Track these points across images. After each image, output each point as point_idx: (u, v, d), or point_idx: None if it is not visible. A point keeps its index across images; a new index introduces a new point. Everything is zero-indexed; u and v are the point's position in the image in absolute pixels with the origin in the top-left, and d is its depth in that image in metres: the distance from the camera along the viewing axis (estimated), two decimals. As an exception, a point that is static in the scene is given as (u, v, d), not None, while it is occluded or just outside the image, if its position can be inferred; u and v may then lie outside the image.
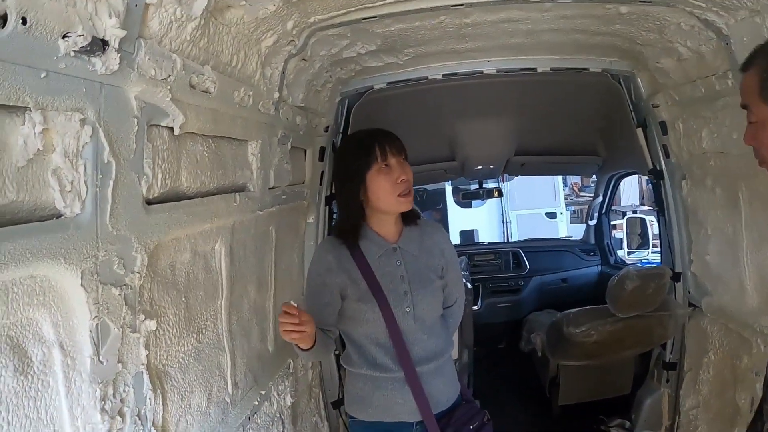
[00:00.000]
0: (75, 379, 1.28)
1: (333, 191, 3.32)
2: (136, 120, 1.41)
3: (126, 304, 1.42)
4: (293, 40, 2.21)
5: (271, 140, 2.43)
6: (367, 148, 2.02)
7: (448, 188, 9.67)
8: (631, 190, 12.39)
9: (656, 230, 4.52)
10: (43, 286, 1.19)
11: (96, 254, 1.30)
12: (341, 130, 3.50)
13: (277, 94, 2.31)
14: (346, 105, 3.50)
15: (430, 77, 3.28)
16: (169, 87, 1.51)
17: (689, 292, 3.28)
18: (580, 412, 4.06)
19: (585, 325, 3.50)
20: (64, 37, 1.12)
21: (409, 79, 3.27)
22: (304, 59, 2.49)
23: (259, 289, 2.44)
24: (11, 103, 1.05)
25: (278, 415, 2.48)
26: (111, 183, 1.33)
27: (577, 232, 6.52)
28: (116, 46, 1.25)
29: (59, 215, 1.21)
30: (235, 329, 2.18)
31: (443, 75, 3.27)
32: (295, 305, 1.76)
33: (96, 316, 1.31)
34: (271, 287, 2.59)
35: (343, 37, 2.50)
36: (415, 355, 2.02)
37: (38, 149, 1.12)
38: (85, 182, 1.25)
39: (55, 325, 1.23)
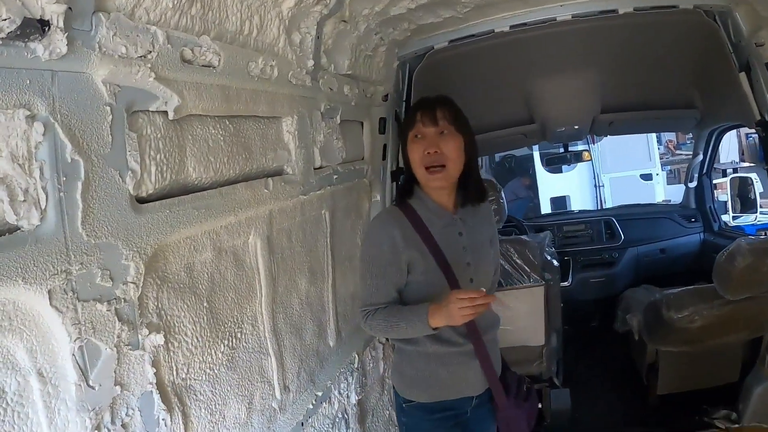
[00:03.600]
0: (59, 409, 1.13)
1: (399, 165, 3.07)
2: (109, 108, 1.21)
3: (120, 320, 1.25)
4: (322, -1, 1.94)
5: (312, 115, 2.20)
6: (407, 116, 2.02)
7: (536, 154, 9.12)
8: (730, 144, 11.14)
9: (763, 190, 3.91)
10: (6, 310, 1.03)
11: (68, 269, 1.12)
12: (404, 98, 3.22)
13: (311, 62, 2.07)
14: (407, 69, 3.22)
15: (496, 30, 2.97)
16: (149, 65, 1.30)
17: None
18: (681, 401, 3.63)
19: (688, 309, 3.11)
20: None
21: (472, 35, 2.98)
22: (344, 20, 2.23)
23: (314, 281, 2.25)
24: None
25: (341, 415, 2.30)
26: (80, 185, 1.14)
27: (674, 194, 5.87)
28: (61, 25, 1.04)
29: (13, 229, 1.04)
30: (283, 328, 2.00)
31: (511, 27, 2.96)
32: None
33: (78, 338, 1.14)
34: (329, 277, 2.39)
35: (386, -9, 2.21)
36: (480, 326, 1.98)
37: None
38: (44, 188, 1.07)
39: (30, 351, 1.08)
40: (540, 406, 2.22)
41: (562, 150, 5.60)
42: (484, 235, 2.10)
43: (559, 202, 9.03)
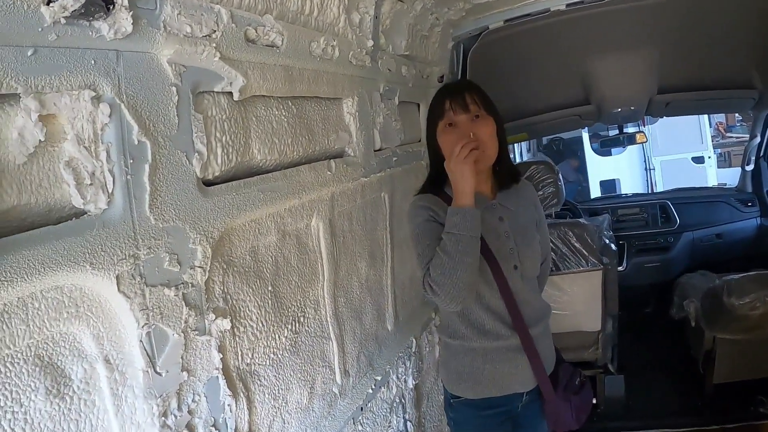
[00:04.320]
0: (126, 396, 1.11)
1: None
2: (174, 89, 1.18)
3: (187, 305, 1.23)
4: (380, -22, 1.88)
5: (372, 96, 2.15)
6: (434, 106, 1.93)
7: (585, 136, 8.90)
8: None
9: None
10: (73, 296, 1.01)
11: (135, 253, 1.10)
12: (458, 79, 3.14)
13: (371, 43, 2.01)
14: (462, 50, 3.17)
15: (552, 9, 2.88)
16: (215, 44, 1.26)
17: None
18: (737, 390, 3.52)
19: (750, 295, 2.99)
20: (48, 3, 0.90)
21: (528, 14, 2.90)
22: (401, 0, 2.16)
23: (373, 264, 2.21)
24: (-5, 92, 0.85)
25: (398, 400, 2.27)
26: (147, 167, 1.12)
27: (726, 177, 5.59)
28: (125, 3, 1.01)
29: (80, 213, 1.02)
30: (343, 312, 1.96)
31: (567, 5, 2.86)
32: None
33: (146, 324, 1.13)
34: (388, 260, 2.35)
35: (442, -30, 2.14)
36: (527, 317, 1.90)
37: (40, 141, 0.93)
38: (111, 171, 1.05)
39: (96, 337, 1.06)
40: (594, 399, 2.15)
41: (615, 132, 5.42)
42: (528, 220, 2.00)
43: (608, 185, 8.83)
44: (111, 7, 0.99)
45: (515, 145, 7.84)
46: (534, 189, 2.14)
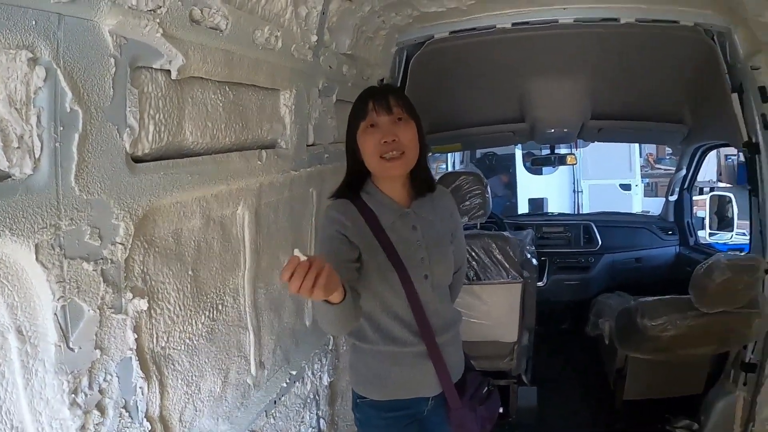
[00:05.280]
0: (36, 370, 1.08)
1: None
2: (113, 60, 1.16)
3: (105, 281, 1.20)
4: (330, -25, 1.90)
5: (310, 91, 2.16)
6: (357, 106, 1.87)
7: (519, 153, 9.18)
8: (708, 164, 11.38)
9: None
10: None
11: (57, 223, 1.07)
12: (398, 84, 3.20)
13: (315, 38, 2.03)
14: (404, 56, 3.22)
15: (498, 26, 2.98)
16: (158, 20, 1.25)
17: None
18: (645, 408, 3.69)
19: (662, 318, 3.14)
20: None
21: (474, 28, 2.99)
22: (349, 0, 2.19)
23: (295, 258, 2.21)
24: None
25: (312, 396, 2.27)
26: (77, 137, 1.09)
27: (651, 206, 5.96)
28: None
29: (4, 177, 0.98)
30: (263, 304, 1.96)
31: (513, 24, 2.97)
32: (301, 254, 1.37)
33: (61, 297, 1.10)
34: (310, 252, 2.35)
35: (393, -26, 2.19)
36: (435, 326, 1.89)
37: None
38: (39, 136, 1.02)
39: (10, 307, 1.03)
40: (501, 409, 2.16)
41: (547, 151, 5.61)
42: (443, 229, 1.98)
43: (536, 203, 9.05)
44: (57, -33, 0.97)
45: (448, 155, 8.01)
46: (452, 197, 2.14)
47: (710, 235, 5.44)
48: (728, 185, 9.67)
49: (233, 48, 1.58)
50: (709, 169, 11.71)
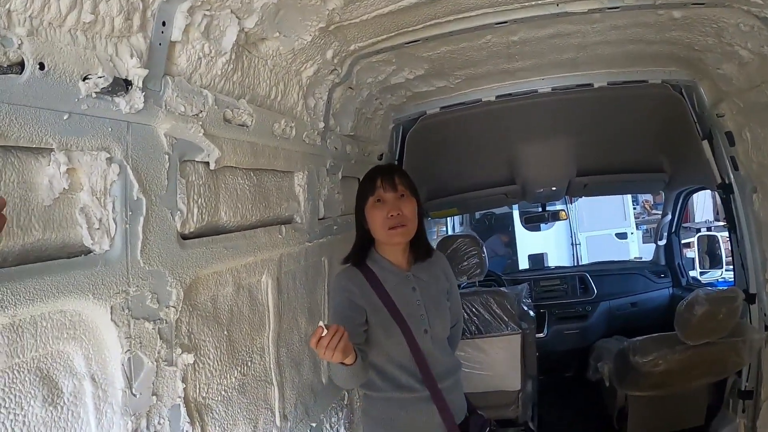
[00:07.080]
0: (106, 411, 1.30)
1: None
2: (167, 156, 1.44)
3: (161, 338, 1.44)
4: (335, 69, 2.23)
5: (319, 171, 2.45)
6: (365, 183, 2.19)
7: (516, 212, 9.45)
8: (705, 204, 11.60)
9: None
10: (73, 320, 1.22)
11: (126, 289, 1.32)
12: (396, 157, 3.49)
13: (322, 124, 2.33)
14: (401, 131, 3.51)
15: (483, 99, 3.27)
16: (200, 122, 1.54)
17: (765, 314, 3.06)
18: None
19: (652, 354, 3.31)
20: (84, 79, 1.16)
21: (462, 103, 3.28)
22: (350, 87, 2.51)
23: (311, 321, 2.43)
24: (35, 146, 1.09)
25: (330, 448, 2.45)
26: (141, 219, 1.36)
27: (651, 252, 6.17)
28: (140, 85, 1.28)
29: (88, 252, 1.24)
30: (284, 361, 2.17)
31: (497, 96, 3.26)
32: (324, 326, 1.70)
33: (128, 350, 1.33)
34: (324, 318, 2.57)
35: (389, 63, 2.51)
36: (436, 373, 2.13)
37: (64, 188, 1.16)
38: (114, 219, 1.28)
39: (86, 357, 1.26)
40: None
41: (540, 209, 5.90)
42: (439, 289, 2.27)
43: (536, 258, 9.24)
44: (129, 87, 1.26)
45: (448, 219, 8.27)
46: (446, 260, 2.42)
47: (701, 273, 5.62)
48: (725, 224, 9.81)
49: (257, 140, 1.88)
50: (705, 210, 11.89)
